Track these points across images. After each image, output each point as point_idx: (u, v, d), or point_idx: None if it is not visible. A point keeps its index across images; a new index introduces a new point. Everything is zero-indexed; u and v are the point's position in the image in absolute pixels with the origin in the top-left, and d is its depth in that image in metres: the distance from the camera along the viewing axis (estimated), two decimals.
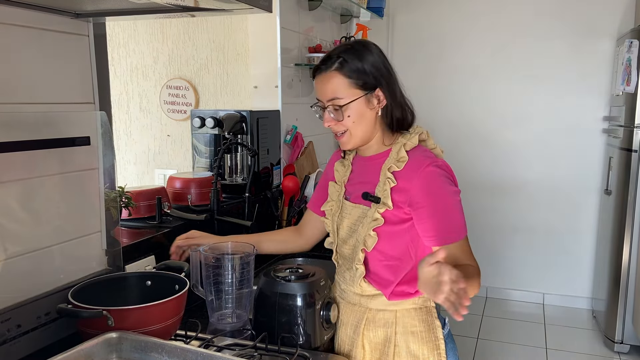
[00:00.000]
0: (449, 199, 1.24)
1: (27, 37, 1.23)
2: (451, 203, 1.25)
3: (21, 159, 1.20)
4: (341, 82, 1.25)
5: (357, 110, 1.26)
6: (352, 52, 1.27)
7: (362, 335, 1.32)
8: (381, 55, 1.30)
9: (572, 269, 3.93)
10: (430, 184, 1.23)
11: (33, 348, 1.20)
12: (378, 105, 1.28)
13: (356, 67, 1.25)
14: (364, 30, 3.19)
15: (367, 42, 1.32)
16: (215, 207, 1.83)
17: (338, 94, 1.26)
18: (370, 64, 1.26)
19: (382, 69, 1.28)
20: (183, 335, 1.29)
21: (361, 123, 1.28)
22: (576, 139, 3.80)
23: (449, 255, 1.11)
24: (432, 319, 1.32)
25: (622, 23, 3.61)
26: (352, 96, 1.25)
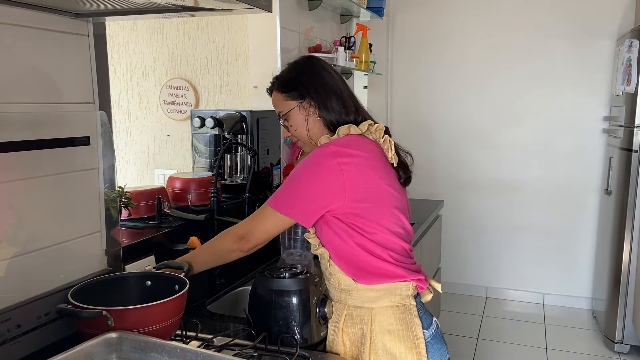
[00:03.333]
0: (292, 176, 1.32)
1: (27, 37, 1.23)
2: (290, 180, 1.32)
3: (21, 159, 1.20)
4: (279, 97, 1.44)
5: (296, 118, 1.42)
6: (288, 70, 1.46)
7: (342, 331, 1.34)
8: (321, 68, 1.43)
9: (572, 269, 3.93)
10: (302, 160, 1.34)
11: (33, 348, 1.20)
12: (314, 111, 1.40)
13: (286, 82, 1.43)
14: (364, 30, 3.19)
15: (306, 57, 1.49)
16: (215, 207, 1.83)
17: (278, 107, 1.45)
18: (300, 77, 1.42)
19: (313, 80, 1.40)
20: (183, 335, 1.29)
21: (303, 129, 1.42)
22: (576, 139, 3.80)
23: None
24: (410, 317, 1.31)
25: (622, 23, 3.61)
26: (288, 107, 1.42)
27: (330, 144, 1.32)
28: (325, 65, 1.45)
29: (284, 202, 1.30)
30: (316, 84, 1.40)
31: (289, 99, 1.42)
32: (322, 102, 1.39)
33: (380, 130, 1.39)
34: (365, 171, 1.30)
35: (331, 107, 1.39)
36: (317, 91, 1.39)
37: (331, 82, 1.41)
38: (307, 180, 1.30)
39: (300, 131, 1.43)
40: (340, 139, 1.35)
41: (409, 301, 1.32)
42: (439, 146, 4.03)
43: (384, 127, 1.40)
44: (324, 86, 1.40)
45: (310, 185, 1.29)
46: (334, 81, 1.42)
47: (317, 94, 1.39)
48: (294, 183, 1.31)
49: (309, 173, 1.30)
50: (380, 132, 1.39)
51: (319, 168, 1.29)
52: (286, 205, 1.30)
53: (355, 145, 1.32)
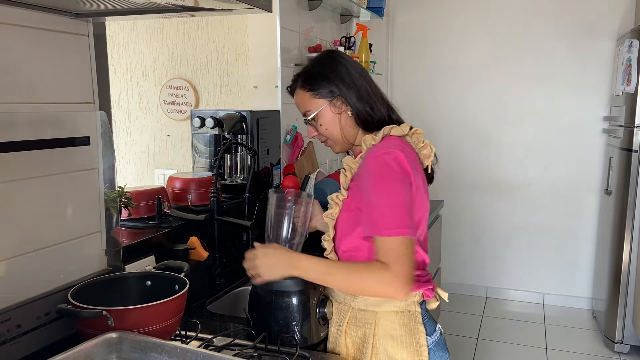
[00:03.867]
0: (383, 189, 1.21)
1: (27, 37, 1.23)
2: (383, 193, 1.20)
3: (21, 159, 1.20)
4: (306, 96, 1.35)
5: (326, 117, 1.34)
6: (312, 66, 1.36)
7: (345, 333, 1.32)
8: (345, 62, 1.35)
9: (572, 269, 3.93)
10: (371, 171, 1.23)
11: (33, 348, 1.20)
12: (345, 108, 1.33)
13: (313, 79, 1.34)
14: (364, 30, 3.19)
15: (331, 52, 1.39)
16: (215, 207, 1.83)
17: (306, 107, 1.36)
18: (328, 73, 1.33)
19: (342, 76, 1.32)
20: (183, 335, 1.29)
21: (335, 128, 1.35)
22: (576, 139, 3.80)
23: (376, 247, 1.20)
24: (414, 323, 1.28)
25: (622, 23, 3.61)
26: (317, 106, 1.34)
27: (390, 149, 1.23)
28: (350, 59, 1.37)
29: (398, 225, 1.18)
30: (346, 79, 1.32)
31: (317, 97, 1.34)
32: (353, 99, 1.32)
33: (419, 135, 1.34)
34: (418, 181, 1.25)
35: (363, 103, 1.32)
36: (348, 87, 1.32)
37: (360, 77, 1.34)
38: (398, 192, 1.20)
39: (331, 130, 1.35)
40: (392, 143, 1.26)
41: (414, 307, 1.29)
42: (439, 146, 4.00)
43: (422, 132, 1.34)
44: (354, 81, 1.33)
45: (402, 196, 1.20)
46: (362, 76, 1.35)
47: (348, 90, 1.32)
48: (390, 203, 1.19)
49: (393, 184, 1.20)
50: (420, 137, 1.34)
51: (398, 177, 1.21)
52: (405, 225, 1.19)
53: (407, 154, 1.25)
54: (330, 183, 2.47)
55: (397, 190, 1.21)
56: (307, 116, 1.36)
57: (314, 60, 1.39)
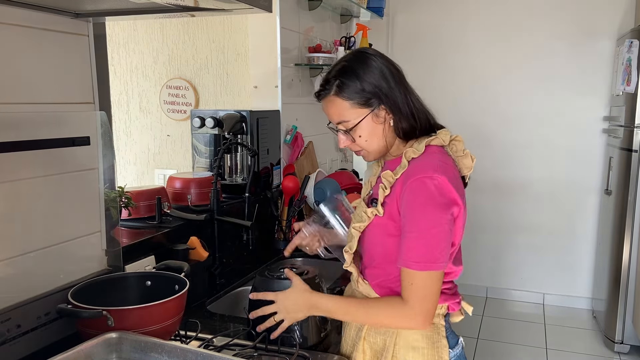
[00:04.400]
0: (419, 220, 1.15)
1: (27, 37, 1.23)
2: (419, 224, 1.15)
3: (21, 159, 1.20)
4: (343, 105, 1.22)
5: (367, 128, 1.23)
6: (349, 71, 1.22)
7: (364, 339, 1.28)
8: (381, 65, 1.22)
9: (572, 269, 3.93)
10: (412, 197, 1.16)
11: (33, 348, 1.20)
12: (388, 117, 1.23)
13: (354, 87, 1.20)
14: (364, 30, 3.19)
15: (365, 54, 1.24)
16: (215, 207, 1.83)
17: (344, 117, 1.23)
18: (369, 80, 1.20)
19: (382, 82, 1.21)
20: (183, 335, 1.29)
21: (374, 139, 1.24)
22: (576, 139, 3.80)
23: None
24: (438, 337, 1.24)
25: (622, 23, 3.61)
26: (359, 116, 1.22)
27: (432, 171, 1.15)
28: (386, 59, 1.25)
29: (433, 260, 1.14)
30: (389, 85, 1.21)
31: (358, 107, 1.21)
32: (397, 107, 1.21)
33: (458, 143, 1.27)
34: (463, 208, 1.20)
35: (406, 111, 1.22)
36: (392, 93, 1.21)
37: (400, 80, 1.24)
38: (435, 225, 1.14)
39: (371, 142, 1.24)
40: (434, 162, 1.19)
41: (438, 320, 1.25)
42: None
43: (462, 139, 1.27)
44: (397, 86, 1.22)
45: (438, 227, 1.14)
46: (401, 79, 1.25)
47: (392, 97, 1.21)
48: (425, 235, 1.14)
49: (432, 216, 1.14)
50: (460, 145, 1.27)
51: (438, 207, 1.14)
52: (438, 261, 1.15)
53: (449, 172, 1.18)
54: (330, 183, 2.47)
55: (435, 221, 1.14)
56: (346, 127, 1.24)
57: (350, 62, 1.23)
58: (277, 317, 1.26)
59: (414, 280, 1.15)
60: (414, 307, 1.16)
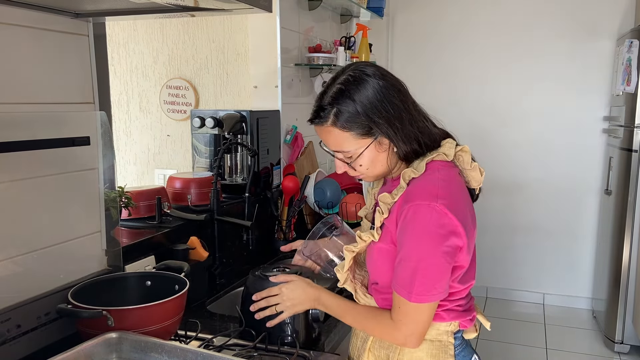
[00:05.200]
0: (416, 250, 1.09)
1: (27, 37, 1.23)
2: (415, 255, 1.09)
3: (21, 159, 1.20)
4: (343, 136, 1.13)
5: (369, 157, 1.15)
6: (346, 98, 1.11)
7: (368, 351, 1.26)
8: (381, 87, 1.12)
9: (572, 269, 3.93)
10: (408, 225, 1.09)
11: (33, 348, 1.20)
12: (390, 145, 1.15)
13: (354, 117, 1.11)
14: (364, 30, 3.19)
15: (363, 75, 1.13)
16: (215, 207, 1.83)
17: (343, 147, 1.14)
18: (369, 107, 1.10)
19: (383, 109, 1.11)
20: (183, 335, 1.29)
21: (377, 166, 1.17)
22: (576, 139, 3.80)
23: None
24: (444, 355, 1.19)
25: (622, 23, 3.61)
26: (360, 147, 1.13)
27: (431, 198, 1.07)
28: (382, 76, 1.14)
29: (426, 291, 1.09)
30: (390, 110, 1.11)
31: (359, 138, 1.12)
32: (399, 133, 1.12)
33: (467, 154, 1.19)
34: (471, 231, 1.14)
35: (408, 136, 1.13)
36: (394, 120, 1.11)
37: (398, 102, 1.13)
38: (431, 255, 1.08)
39: (373, 169, 1.17)
40: (435, 182, 1.11)
41: (446, 338, 1.20)
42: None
43: (469, 150, 1.19)
44: (395, 112, 1.12)
45: (435, 259, 1.08)
46: (399, 96, 1.14)
47: (394, 123, 1.11)
48: (420, 266, 1.08)
49: (428, 247, 1.08)
50: (467, 157, 1.19)
51: (438, 238, 1.08)
52: (432, 292, 1.09)
53: (454, 191, 1.12)
54: (330, 183, 2.47)
55: (429, 253, 1.08)
56: (346, 156, 1.16)
57: (346, 86, 1.12)
58: (279, 307, 1.25)
59: (407, 309, 1.11)
60: (401, 329, 1.13)
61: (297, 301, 1.25)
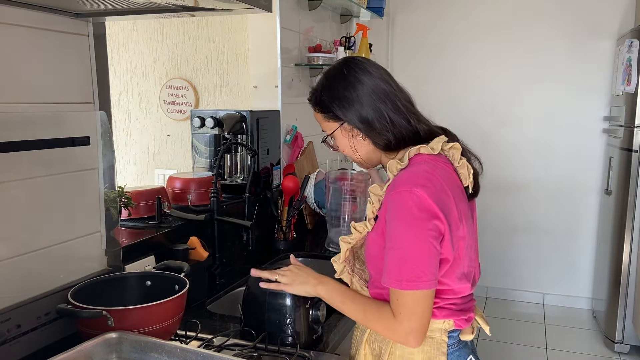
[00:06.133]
0: (400, 237, 1.11)
1: (27, 37, 1.23)
2: (400, 242, 1.11)
3: (21, 158, 1.20)
4: (318, 117, 1.28)
5: (340, 139, 1.25)
6: (325, 85, 1.24)
7: (365, 342, 1.28)
8: (361, 79, 1.20)
9: (572, 269, 3.93)
10: (392, 213, 1.12)
11: (33, 348, 1.20)
12: (357, 133, 1.22)
13: (326, 101, 1.22)
14: (364, 30, 3.19)
15: (347, 66, 1.22)
16: (215, 207, 1.83)
17: (322, 126, 1.28)
18: (339, 95, 1.20)
19: (348, 99, 1.19)
20: (183, 335, 1.29)
21: (349, 151, 1.27)
22: (576, 139, 3.80)
23: None
24: (436, 352, 1.18)
25: (622, 23, 3.61)
26: (330, 128, 1.26)
27: (411, 186, 1.10)
28: (363, 72, 1.21)
29: (415, 278, 1.09)
30: (353, 102, 1.19)
31: (328, 120, 1.24)
32: (362, 124, 1.19)
33: (456, 151, 1.22)
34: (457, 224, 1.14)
35: (374, 128, 1.19)
36: (355, 110, 1.19)
37: (372, 95, 1.19)
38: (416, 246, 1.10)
39: (347, 152, 1.27)
40: (418, 172, 1.13)
41: (439, 335, 1.19)
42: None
43: (460, 147, 1.22)
44: (362, 103, 1.19)
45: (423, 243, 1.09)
46: (375, 92, 1.19)
47: (355, 114, 1.19)
48: (406, 254, 1.10)
49: (411, 238, 1.10)
50: (457, 153, 1.22)
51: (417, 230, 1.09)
52: (420, 279, 1.09)
53: (437, 182, 1.13)
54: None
55: (415, 237, 1.09)
56: (326, 135, 1.30)
57: (325, 75, 1.26)
58: (284, 280, 1.25)
59: (399, 297, 1.11)
60: (402, 323, 1.12)
61: (300, 280, 1.25)
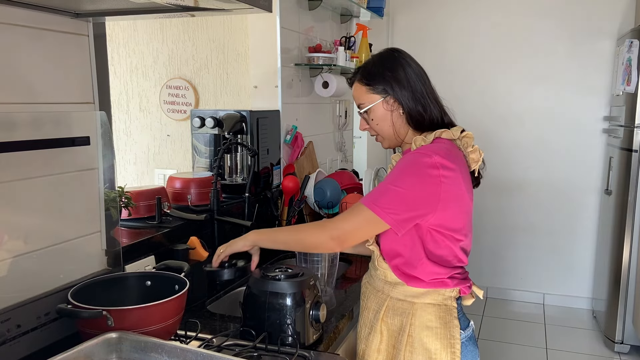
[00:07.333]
0: (397, 177, 1.28)
1: (27, 37, 1.23)
2: (394, 180, 1.28)
3: (21, 159, 1.20)
4: (361, 89, 1.40)
5: (378, 113, 1.38)
6: (371, 63, 1.41)
7: (381, 320, 1.38)
8: (404, 62, 1.39)
9: (572, 269, 3.93)
10: (404, 160, 1.31)
11: (33, 348, 1.20)
12: (397, 107, 1.37)
13: (371, 75, 1.38)
14: (364, 30, 3.19)
15: (394, 51, 1.42)
16: (215, 207, 1.83)
17: (360, 100, 1.41)
18: (386, 71, 1.36)
19: (397, 75, 1.36)
20: (183, 335, 1.29)
21: (384, 124, 1.39)
22: (576, 139, 3.80)
23: None
24: (450, 317, 1.34)
25: (622, 23, 3.61)
26: (371, 101, 1.38)
27: (432, 152, 1.27)
28: (410, 60, 1.41)
29: (385, 207, 1.26)
30: (402, 80, 1.36)
31: (372, 93, 1.38)
32: (406, 100, 1.36)
33: (469, 139, 1.37)
34: (459, 185, 1.29)
35: (416, 104, 1.36)
36: (403, 87, 1.36)
37: (416, 79, 1.38)
38: (409, 187, 1.26)
39: (382, 126, 1.40)
40: (440, 147, 1.30)
41: (450, 302, 1.35)
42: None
43: (472, 136, 1.38)
44: (409, 82, 1.37)
45: (411, 192, 1.26)
46: (419, 77, 1.39)
47: (402, 90, 1.36)
48: (394, 187, 1.27)
49: (411, 180, 1.27)
50: (470, 141, 1.37)
51: (422, 178, 1.26)
52: (387, 210, 1.26)
53: (453, 158, 1.29)
54: (330, 183, 2.47)
55: (405, 183, 1.26)
56: (361, 109, 1.41)
57: (376, 56, 1.43)
58: (223, 247, 1.44)
59: (358, 208, 1.28)
60: (336, 223, 1.30)
61: (234, 241, 1.43)
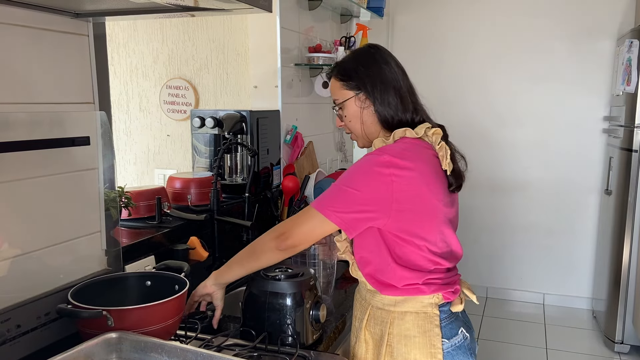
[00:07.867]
0: (346, 177, 1.27)
1: (27, 37, 1.23)
2: (339, 182, 1.27)
3: (21, 159, 1.20)
4: (336, 85, 1.40)
5: (350, 110, 1.38)
6: (347, 58, 1.42)
7: (365, 329, 1.35)
8: (382, 59, 1.37)
9: (572, 269, 3.93)
10: (356, 162, 1.30)
11: (33, 348, 1.20)
12: (369, 104, 1.36)
13: (345, 70, 1.38)
14: (364, 30, 3.19)
15: (373, 48, 1.41)
16: (215, 207, 1.83)
17: (335, 95, 1.41)
18: (357, 66, 1.37)
19: (370, 72, 1.35)
20: (183, 335, 1.29)
21: (357, 122, 1.38)
22: (576, 139, 3.80)
23: None
24: (430, 325, 1.28)
25: (622, 23, 3.61)
26: (344, 97, 1.38)
27: (383, 151, 1.26)
28: (387, 57, 1.39)
29: (329, 206, 1.24)
30: (375, 78, 1.35)
31: (345, 88, 1.37)
32: (378, 97, 1.34)
33: (437, 135, 1.32)
34: (416, 185, 1.24)
35: (387, 103, 1.34)
36: (375, 85, 1.34)
37: (391, 77, 1.36)
38: (358, 188, 1.23)
39: (353, 123, 1.39)
40: (395, 146, 1.28)
41: (431, 309, 1.29)
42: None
43: (441, 132, 1.33)
44: (382, 80, 1.35)
45: (359, 192, 1.23)
46: (394, 75, 1.37)
47: (374, 88, 1.34)
48: (342, 188, 1.25)
49: (360, 180, 1.24)
50: (437, 137, 1.32)
51: (370, 177, 1.24)
52: (332, 209, 1.24)
53: (409, 156, 1.25)
54: (330, 183, 2.47)
55: (359, 182, 1.24)
56: (337, 104, 1.41)
57: (353, 52, 1.43)
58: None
59: (305, 212, 1.28)
60: (287, 222, 1.31)
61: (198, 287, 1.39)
